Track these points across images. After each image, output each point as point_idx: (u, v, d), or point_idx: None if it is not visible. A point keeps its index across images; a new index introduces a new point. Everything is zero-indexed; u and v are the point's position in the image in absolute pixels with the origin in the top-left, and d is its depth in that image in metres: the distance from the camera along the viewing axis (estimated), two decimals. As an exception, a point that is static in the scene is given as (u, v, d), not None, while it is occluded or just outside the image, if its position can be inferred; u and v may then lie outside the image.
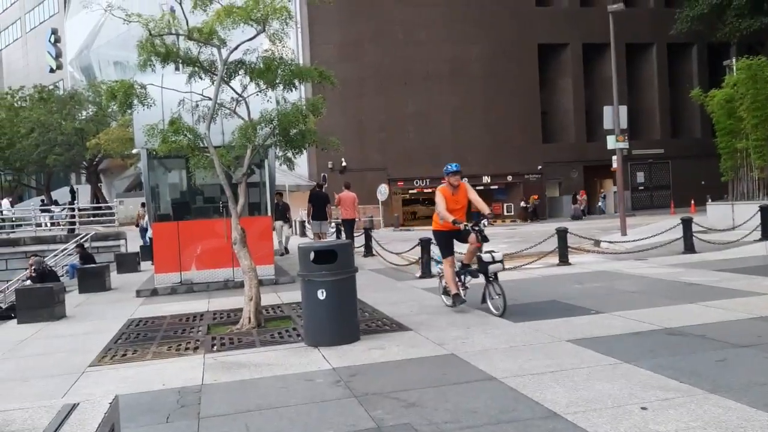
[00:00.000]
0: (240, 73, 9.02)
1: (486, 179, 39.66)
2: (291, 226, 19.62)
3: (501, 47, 39.36)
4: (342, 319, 6.80)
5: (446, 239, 8.20)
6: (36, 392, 5.65)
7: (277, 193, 16.66)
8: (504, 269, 7.84)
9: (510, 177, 40.29)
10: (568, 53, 41.57)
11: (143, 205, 27.51)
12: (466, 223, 7.87)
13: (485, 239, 7.81)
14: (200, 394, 5.20)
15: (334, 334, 6.73)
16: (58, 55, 56.11)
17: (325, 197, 17.50)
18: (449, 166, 8.35)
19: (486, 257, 7.75)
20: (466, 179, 8.55)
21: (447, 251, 8.19)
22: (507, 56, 39.48)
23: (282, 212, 18.30)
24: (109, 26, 47.33)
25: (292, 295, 10.66)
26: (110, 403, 3.27)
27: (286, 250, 18.16)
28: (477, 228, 7.81)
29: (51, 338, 8.45)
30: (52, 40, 56.34)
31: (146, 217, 24.00)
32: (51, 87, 44.88)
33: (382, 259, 15.43)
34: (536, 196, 39.97)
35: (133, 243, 23.36)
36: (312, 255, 6.71)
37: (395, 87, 38.00)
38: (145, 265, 17.97)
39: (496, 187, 40.67)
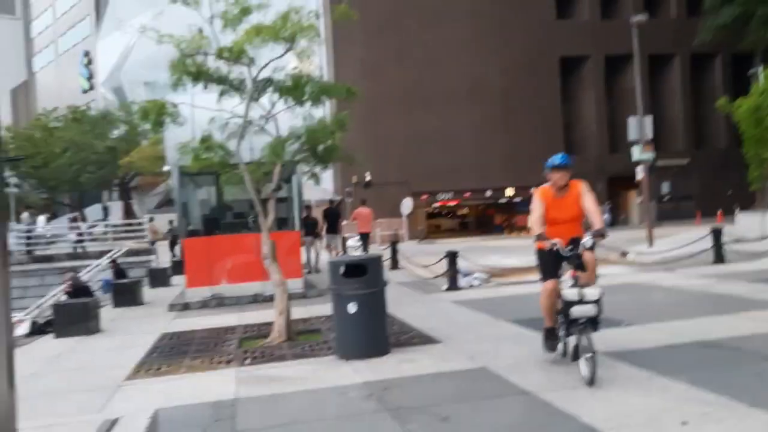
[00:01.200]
0: (269, 90, 9.18)
1: (509, 191, 39.56)
2: (321, 241, 18.30)
3: (522, 61, 39.38)
4: (372, 332, 6.84)
5: (548, 260, 5.78)
6: (75, 406, 5.76)
7: (305, 207, 16.47)
8: (598, 314, 5.26)
9: (532, 189, 40.07)
10: (590, 65, 41.38)
11: (151, 219, 28.00)
12: (554, 242, 5.55)
13: (580, 267, 5.46)
14: (235, 408, 5.26)
15: (365, 347, 6.77)
16: (90, 77, 57.41)
17: (337, 213, 18.37)
18: (554, 159, 5.97)
19: (569, 294, 5.31)
20: (580, 180, 6.01)
21: (546, 273, 5.83)
22: (528, 70, 39.48)
23: (311, 227, 17.48)
24: (140, 48, 48.35)
25: (322, 308, 10.72)
26: (150, 418, 3.35)
27: (317, 270, 17.11)
28: (573, 252, 5.52)
29: (87, 352, 8.62)
30: (85, 62, 57.71)
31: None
32: (84, 107, 45.90)
33: (409, 272, 15.45)
34: None
35: (164, 257, 23.72)
36: (342, 269, 6.77)
37: (417, 104, 38.27)
38: (177, 279, 18.21)
39: (519, 199, 40.50)
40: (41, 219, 30.03)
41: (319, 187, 28.57)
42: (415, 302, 11.01)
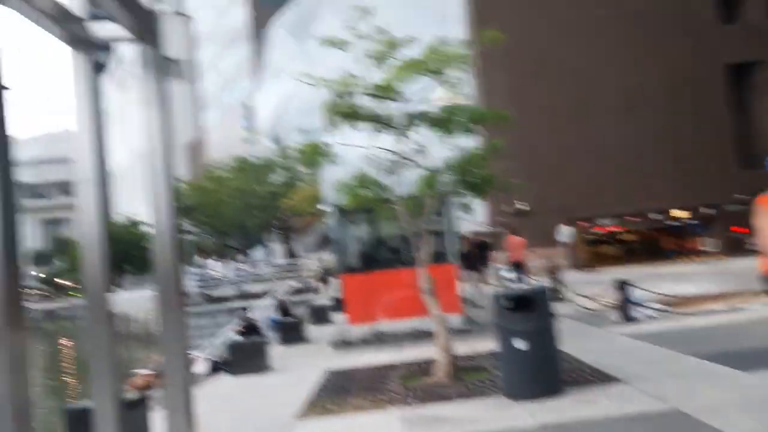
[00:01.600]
0: (419, 123, 9.14)
1: (677, 212, 36.61)
2: (483, 275, 17.37)
3: (680, 72, 36.61)
4: (543, 370, 6.38)
5: None
6: (249, 445, 5.86)
7: (464, 239, 16.10)
8: None
9: (704, 208, 36.79)
10: (763, 72, 37.65)
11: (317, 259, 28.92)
12: None
13: None
14: (403, 450, 5.06)
15: (536, 386, 6.32)
16: (251, 128, 61.81)
17: (486, 245, 18.02)
18: None
19: None
20: None
21: None
22: (687, 81, 36.64)
23: (472, 260, 16.50)
24: (295, 96, 51.31)
25: (484, 344, 10.32)
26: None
27: (478, 305, 15.59)
28: None
29: (260, 390, 8.88)
30: (246, 114, 62.32)
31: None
32: (247, 157, 49.34)
33: (573, 303, 14.60)
34: (741, 228, 36.03)
35: (325, 295, 24.46)
36: (506, 302, 6.41)
37: (567, 124, 36.73)
38: (336, 316, 18.60)
39: (693, 221, 37.37)
40: (213, 262, 32.33)
41: (471, 219, 28.28)
42: (584, 336, 10.28)
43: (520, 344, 6.30)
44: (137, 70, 3.13)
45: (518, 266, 17.23)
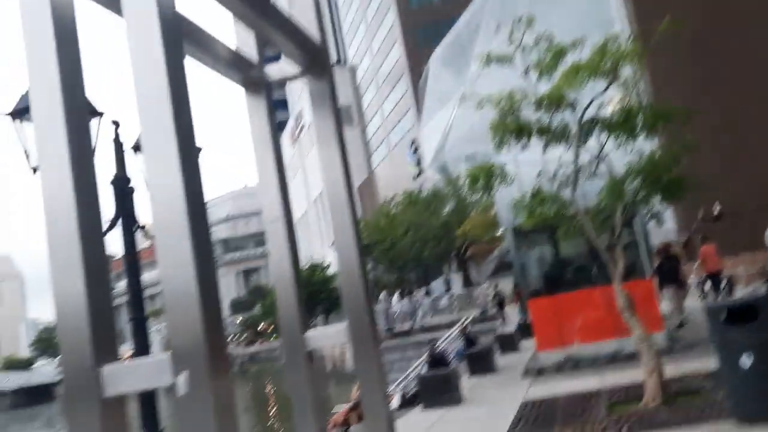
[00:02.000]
0: (596, 130, 8.59)
1: None
2: (685, 290, 14.63)
3: None
4: (779, 388, 5.50)
5: None
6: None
7: (659, 251, 14.24)
8: None
9: None
10: None
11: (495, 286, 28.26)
12: None
13: None
14: (624, 487, 4.54)
15: (772, 407, 5.46)
16: (418, 162, 63.01)
17: (676, 257, 14.88)
18: None
19: None
20: None
21: None
22: None
23: (669, 274, 14.01)
24: (457, 126, 51.52)
25: (696, 363, 9.31)
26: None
27: (681, 324, 13.73)
28: None
29: (455, 423, 8.66)
30: (412, 150, 63.73)
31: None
32: (417, 191, 50.27)
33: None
34: None
35: (509, 322, 23.84)
36: (726, 314, 5.66)
37: (759, 113, 33.09)
38: (525, 343, 17.96)
39: None
40: (395, 297, 32.94)
41: (660, 229, 26.29)
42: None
43: (745, 361, 5.50)
44: (312, 107, 3.14)
45: (714, 276, 15.54)
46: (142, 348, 4.82)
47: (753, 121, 33.08)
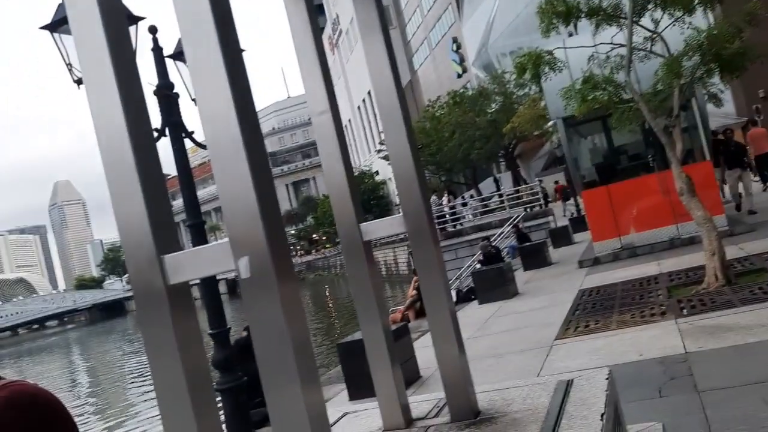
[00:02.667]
0: (649, 7, 8.07)
1: None
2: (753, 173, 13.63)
3: None
4: None
5: None
6: (513, 367, 5.75)
7: (723, 132, 13.46)
8: None
9: None
10: None
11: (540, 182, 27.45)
12: None
13: None
14: (688, 364, 4.55)
15: (844, 282, 5.30)
16: (461, 61, 61.18)
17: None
18: None
19: None
20: None
21: None
22: None
23: (735, 156, 13.01)
24: (500, 20, 49.55)
25: (757, 245, 9.12)
26: (607, 379, 2.92)
27: (752, 211, 12.65)
28: None
29: (511, 315, 8.77)
30: (454, 48, 61.73)
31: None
32: (461, 90, 49.10)
33: None
34: None
35: (561, 217, 23.68)
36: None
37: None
38: (578, 236, 17.88)
39: None
40: (445, 199, 32.93)
41: (719, 111, 25.16)
42: None
43: (816, 236, 5.31)
44: (354, 4, 3.00)
45: (761, 159, 14.88)
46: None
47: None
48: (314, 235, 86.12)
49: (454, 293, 14.42)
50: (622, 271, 10.02)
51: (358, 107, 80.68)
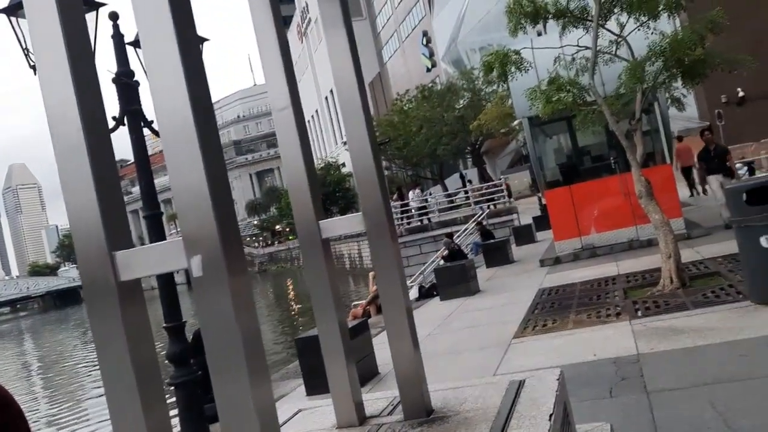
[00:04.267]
0: (615, 11, 8.19)
1: None
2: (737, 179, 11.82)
3: None
4: (798, 269, 5.49)
5: None
6: (470, 365, 5.81)
7: (701, 132, 12.22)
8: None
9: None
10: None
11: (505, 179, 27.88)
12: None
13: None
14: (639, 365, 4.65)
15: (790, 288, 5.47)
16: (431, 55, 61.31)
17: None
18: None
19: None
20: None
21: None
22: None
23: (716, 160, 11.48)
24: (470, 16, 49.75)
25: (712, 248, 9.35)
26: (557, 380, 2.97)
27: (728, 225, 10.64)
28: None
29: (472, 312, 8.85)
30: (424, 42, 61.82)
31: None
32: (430, 85, 49.23)
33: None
34: None
35: (525, 216, 23.94)
36: (745, 195, 5.56)
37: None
38: (541, 234, 18.12)
39: None
40: (411, 194, 33.02)
41: (681, 115, 25.70)
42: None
43: (765, 242, 5.46)
44: (319, 3, 2.97)
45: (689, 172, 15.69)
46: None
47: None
48: (277, 227, 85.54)
49: (416, 289, 14.50)
50: (581, 270, 10.18)
51: (326, 98, 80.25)
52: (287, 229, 77.01)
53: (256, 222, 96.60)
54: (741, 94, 31.56)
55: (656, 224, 7.47)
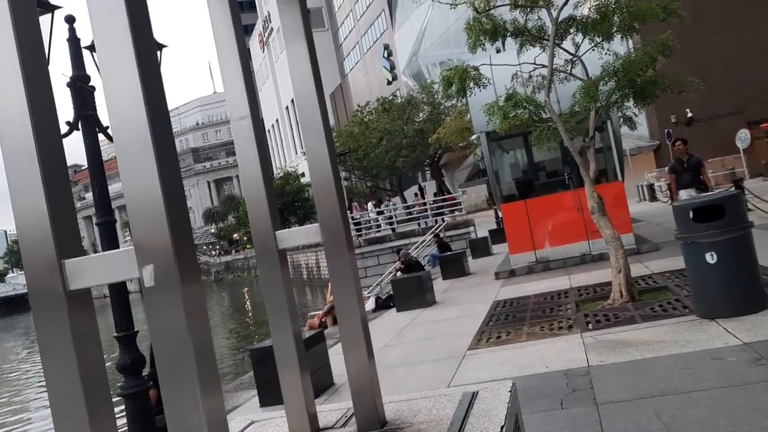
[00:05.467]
0: (571, 31, 8.41)
1: None
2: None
3: None
4: (740, 284, 5.70)
5: None
6: (426, 376, 5.83)
7: (673, 143, 11.31)
8: None
9: None
10: None
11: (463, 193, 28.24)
12: None
13: None
14: (590, 377, 4.75)
15: (733, 302, 5.67)
16: (392, 68, 61.73)
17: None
18: None
19: None
20: None
21: None
22: None
23: (689, 173, 10.64)
24: (431, 30, 50.33)
25: (661, 263, 9.63)
26: (509, 392, 3.01)
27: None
28: None
29: (427, 323, 8.89)
30: (385, 55, 62.21)
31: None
32: (390, 97, 49.48)
33: (760, 214, 13.16)
34: None
35: (481, 229, 24.22)
36: (691, 213, 5.76)
37: (742, 16, 32.65)
38: (497, 248, 18.36)
39: None
40: (370, 205, 33.05)
41: (633, 134, 26.43)
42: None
43: (710, 258, 5.66)
44: (279, 10, 2.98)
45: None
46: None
47: (728, 28, 32.73)
48: (235, 235, 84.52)
49: (373, 300, 14.51)
50: (535, 283, 10.35)
51: (286, 107, 79.93)
52: (245, 238, 76.15)
53: (213, 230, 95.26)
54: (689, 114, 32.63)
55: (607, 239, 7.66)
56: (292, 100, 77.04)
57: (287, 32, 2.99)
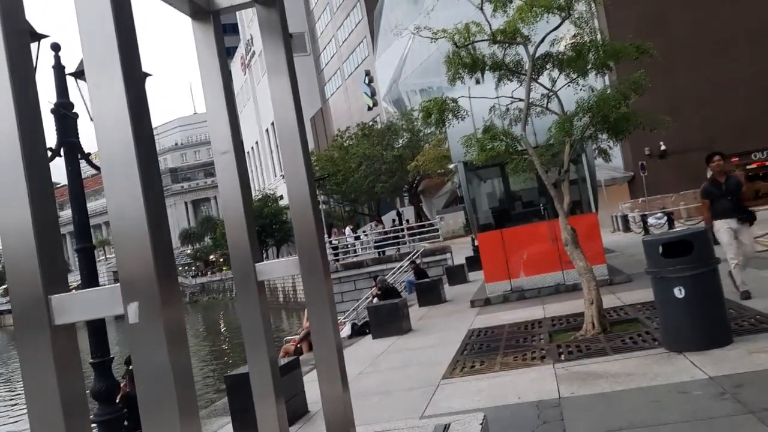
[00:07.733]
0: (548, 66, 8.65)
1: None
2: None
3: None
4: (708, 319, 5.85)
5: None
6: (400, 405, 5.87)
7: (707, 158, 8.82)
8: None
9: None
10: None
11: (441, 219, 28.59)
12: None
13: None
14: (560, 409, 4.83)
15: (701, 336, 5.82)
16: (372, 94, 62.27)
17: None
18: None
19: None
20: None
21: None
22: None
23: (729, 198, 8.11)
24: (412, 58, 50.95)
25: (633, 295, 9.80)
26: (480, 424, 3.09)
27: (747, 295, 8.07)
28: None
29: (403, 351, 8.93)
30: (366, 81, 62.80)
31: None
32: (370, 123, 49.91)
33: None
34: None
35: (458, 256, 24.37)
36: (661, 248, 5.92)
37: (712, 55, 33.63)
38: (473, 275, 18.48)
39: None
40: (348, 230, 33.13)
41: (607, 165, 26.90)
42: (750, 281, 9.41)
43: (679, 293, 5.81)
44: (262, 36, 3.07)
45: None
46: (89, 278, 4.78)
47: (699, 66, 33.69)
48: (211, 257, 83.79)
49: (349, 326, 14.50)
50: (510, 312, 10.45)
51: (266, 130, 80.00)
52: (221, 259, 75.53)
53: (189, 251, 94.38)
54: (663, 147, 33.32)
55: (580, 271, 7.80)
56: (273, 123, 77.15)
57: (269, 58, 3.07)
